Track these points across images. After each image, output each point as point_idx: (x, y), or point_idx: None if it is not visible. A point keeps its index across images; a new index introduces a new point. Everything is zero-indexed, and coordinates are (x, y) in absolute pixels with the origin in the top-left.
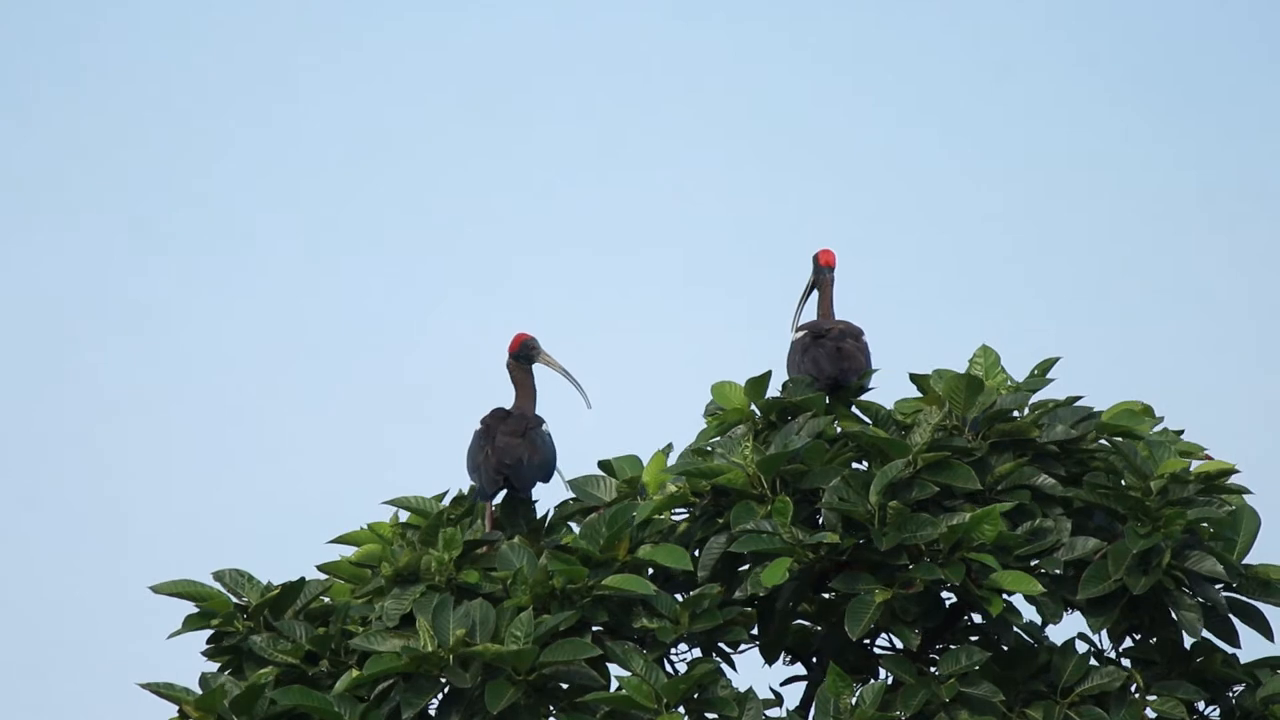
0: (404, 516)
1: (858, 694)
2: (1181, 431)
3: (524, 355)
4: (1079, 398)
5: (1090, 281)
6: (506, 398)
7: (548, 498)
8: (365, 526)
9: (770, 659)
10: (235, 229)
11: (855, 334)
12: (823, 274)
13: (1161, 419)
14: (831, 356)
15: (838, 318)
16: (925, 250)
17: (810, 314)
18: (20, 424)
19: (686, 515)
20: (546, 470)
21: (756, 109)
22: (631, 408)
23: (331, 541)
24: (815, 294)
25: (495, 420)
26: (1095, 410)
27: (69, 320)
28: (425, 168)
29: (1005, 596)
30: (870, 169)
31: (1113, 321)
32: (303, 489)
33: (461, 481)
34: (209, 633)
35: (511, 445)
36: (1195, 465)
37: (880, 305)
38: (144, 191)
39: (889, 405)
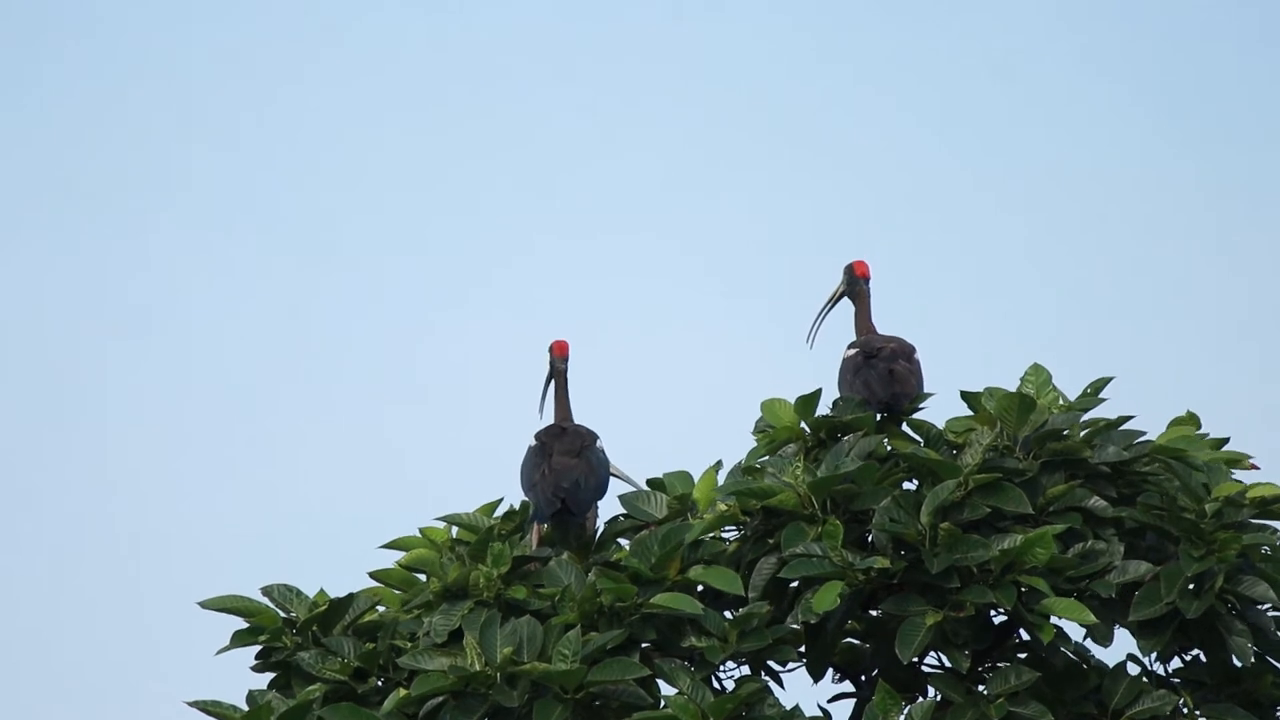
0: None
1: (906, 712)
2: (1227, 440)
3: (566, 360)
4: (1130, 417)
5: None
6: (509, 401)
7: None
8: (418, 531)
9: (817, 676)
10: (235, 228)
11: (908, 354)
12: (858, 285)
13: (1207, 433)
14: (884, 379)
15: (881, 332)
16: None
17: (842, 325)
18: (26, 431)
19: (736, 534)
20: (601, 490)
21: (761, 109)
22: (676, 423)
23: (383, 547)
24: (853, 307)
25: (551, 438)
26: (1145, 433)
27: (70, 325)
28: (434, 167)
29: (1055, 621)
30: (884, 173)
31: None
32: (310, 496)
33: (479, 490)
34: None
35: (568, 466)
36: (1239, 473)
37: (906, 316)
38: (144, 191)
39: (939, 421)
